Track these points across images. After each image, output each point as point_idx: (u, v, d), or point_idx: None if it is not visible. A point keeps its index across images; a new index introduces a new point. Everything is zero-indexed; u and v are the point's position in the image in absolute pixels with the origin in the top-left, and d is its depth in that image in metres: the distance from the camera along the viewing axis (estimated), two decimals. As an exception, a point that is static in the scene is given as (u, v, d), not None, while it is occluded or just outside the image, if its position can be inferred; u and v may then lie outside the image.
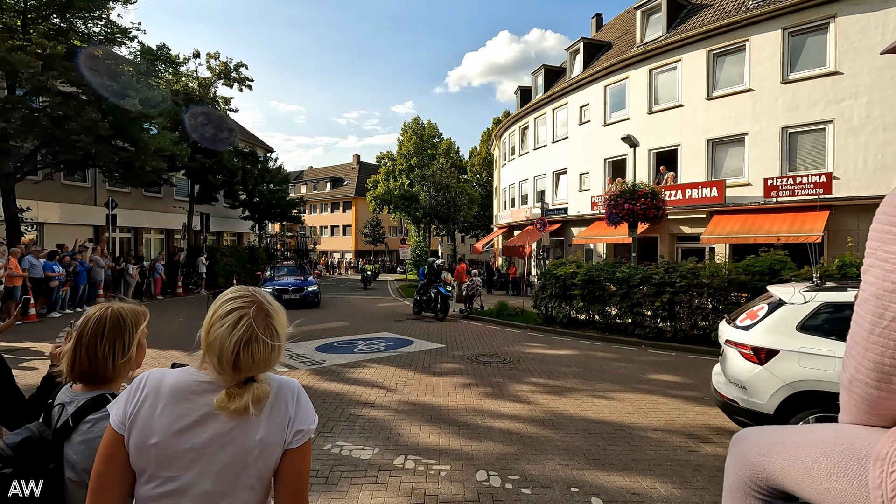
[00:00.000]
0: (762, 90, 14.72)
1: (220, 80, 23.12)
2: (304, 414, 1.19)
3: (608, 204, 13.78)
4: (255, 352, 1.10)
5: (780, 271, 8.76)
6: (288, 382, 1.23)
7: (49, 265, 12.13)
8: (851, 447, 0.64)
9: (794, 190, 13.68)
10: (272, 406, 1.16)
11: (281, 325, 1.17)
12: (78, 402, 1.45)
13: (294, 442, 1.16)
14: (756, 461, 0.70)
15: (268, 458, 1.14)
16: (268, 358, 1.13)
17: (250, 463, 1.12)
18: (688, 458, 4.41)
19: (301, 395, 1.22)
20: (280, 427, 1.15)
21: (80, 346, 1.47)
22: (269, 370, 1.18)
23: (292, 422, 1.16)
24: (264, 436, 1.13)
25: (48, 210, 17.50)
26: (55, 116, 13.50)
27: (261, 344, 1.10)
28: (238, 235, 31.68)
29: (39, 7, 13.63)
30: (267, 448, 1.13)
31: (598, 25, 27.55)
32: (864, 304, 0.66)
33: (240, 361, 1.09)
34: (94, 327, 1.48)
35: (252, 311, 1.12)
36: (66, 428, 1.41)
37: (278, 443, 1.14)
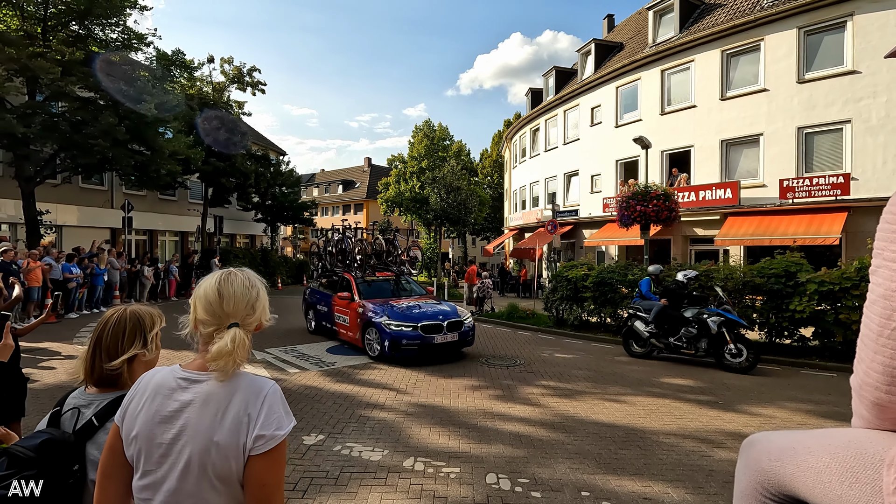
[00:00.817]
0: (777, 90, 14.51)
1: (234, 84, 23.41)
2: (270, 418, 1.12)
3: (620, 206, 13.64)
4: (234, 282, 1.21)
5: (797, 274, 8.61)
6: (256, 384, 1.17)
7: (67, 267, 12.37)
8: (864, 452, 0.62)
9: (810, 191, 13.44)
10: (228, 406, 1.12)
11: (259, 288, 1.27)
12: (100, 402, 1.45)
13: (256, 448, 1.10)
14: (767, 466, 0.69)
15: (225, 461, 1.10)
16: (246, 294, 1.21)
17: (208, 463, 1.10)
18: (701, 463, 4.35)
19: (270, 397, 1.15)
20: (234, 429, 1.10)
21: (100, 348, 1.46)
22: (248, 314, 1.21)
23: (252, 425, 1.11)
24: (219, 437, 1.10)
25: (67, 213, 17.87)
26: (74, 121, 13.79)
27: (238, 279, 1.22)
28: (251, 237, 32.00)
29: (59, 15, 13.94)
30: (223, 450, 1.10)
31: (610, 26, 27.39)
32: (872, 306, 0.64)
33: (222, 291, 1.18)
34: (115, 328, 1.48)
35: None
36: (91, 427, 1.41)
37: (234, 445, 1.10)
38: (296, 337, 10.53)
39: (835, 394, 6.63)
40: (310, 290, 11.38)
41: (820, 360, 8.36)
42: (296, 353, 8.84)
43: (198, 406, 1.13)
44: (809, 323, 8.61)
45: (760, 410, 5.87)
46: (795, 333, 8.92)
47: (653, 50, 17.91)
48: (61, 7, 13.81)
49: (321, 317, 10.47)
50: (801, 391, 6.77)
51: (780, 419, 5.56)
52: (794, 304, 8.45)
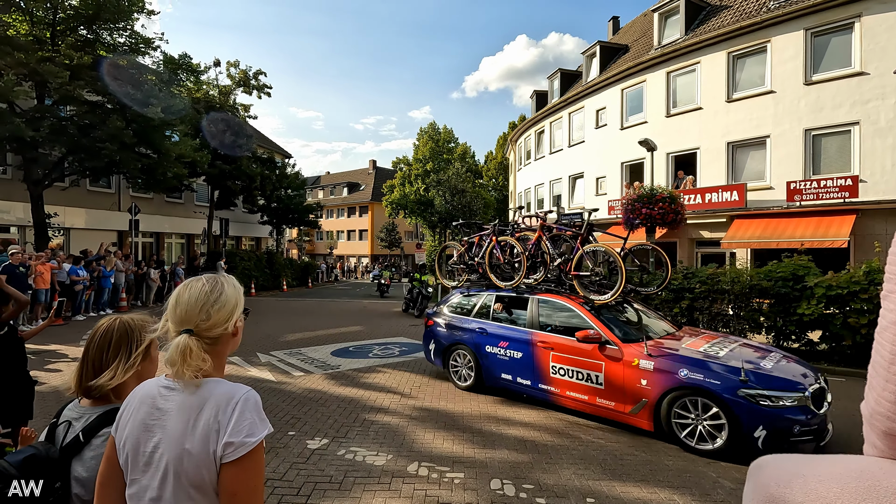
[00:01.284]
0: (784, 92, 14.42)
1: (240, 87, 23.57)
2: (241, 424, 1.10)
3: (625, 208, 13.61)
4: (193, 288, 1.22)
5: (804, 277, 8.54)
6: (228, 391, 1.15)
7: (74, 269, 12.47)
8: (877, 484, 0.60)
9: (818, 193, 13.34)
10: (199, 414, 1.12)
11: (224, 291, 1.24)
12: (87, 417, 1.43)
13: (227, 455, 1.08)
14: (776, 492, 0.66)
15: (197, 470, 1.09)
16: (201, 300, 1.19)
17: (181, 472, 1.10)
18: (707, 469, 4.30)
19: (242, 403, 1.13)
20: (204, 437, 1.10)
21: (87, 359, 1.45)
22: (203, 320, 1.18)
23: (222, 432, 1.09)
24: (190, 445, 1.10)
25: (74, 216, 18.02)
26: (82, 125, 13.92)
27: (198, 285, 1.22)
28: (256, 240, 32.15)
29: (68, 19, 14.09)
30: (194, 458, 1.09)
31: (615, 29, 27.35)
32: (884, 333, 0.62)
33: (179, 297, 1.20)
34: (101, 340, 1.45)
35: None
36: (77, 444, 1.39)
37: (205, 454, 1.09)
38: (300, 340, 10.55)
39: (845, 399, 6.54)
40: (455, 319, 7.01)
41: (829, 364, 8.27)
42: (300, 356, 8.86)
43: (174, 414, 1.13)
44: (817, 327, 8.53)
45: (768, 416, 5.80)
46: (803, 337, 8.84)
47: (658, 52, 17.85)
48: (70, 12, 13.96)
49: (500, 367, 6.27)
50: (809, 396, 6.68)
51: (787, 425, 5.49)
52: (801, 307, 8.37)
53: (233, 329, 1.24)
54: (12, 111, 12.61)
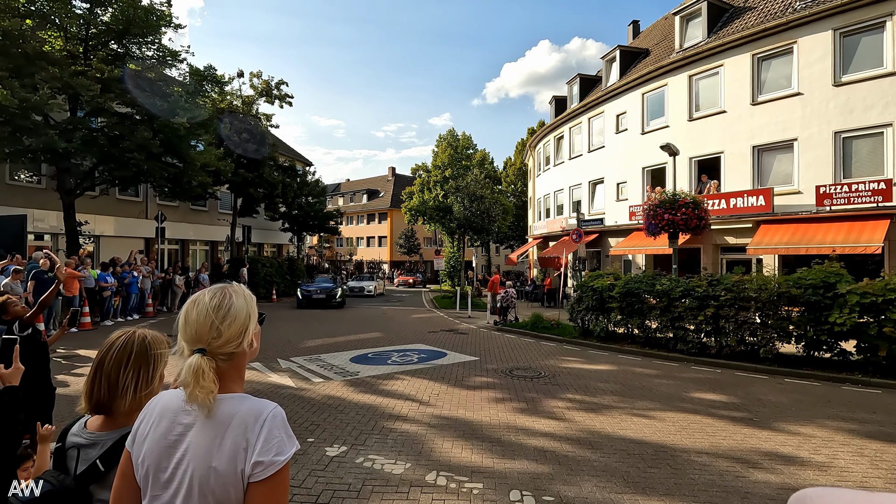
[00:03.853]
0: (812, 94, 14.03)
1: (262, 97, 24.06)
2: (269, 444, 1.08)
3: (647, 214, 13.35)
4: (199, 304, 1.17)
5: (836, 284, 8.24)
6: (255, 408, 1.12)
7: (102, 276, 12.84)
8: None
9: (849, 198, 12.89)
10: (226, 432, 1.09)
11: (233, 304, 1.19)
12: (103, 444, 1.36)
13: (256, 475, 1.06)
14: None
15: (224, 488, 1.07)
16: (209, 317, 1.14)
17: (207, 490, 1.07)
18: (735, 484, 4.16)
19: (270, 421, 1.10)
20: (232, 455, 1.07)
21: (101, 373, 1.36)
22: (214, 338, 1.13)
23: (251, 451, 1.07)
24: (217, 463, 1.07)
25: (104, 223, 18.57)
26: (111, 136, 14.36)
27: (204, 301, 1.17)
28: (277, 247, 32.63)
29: (99, 35, 14.61)
30: (221, 476, 1.07)
31: (636, 33, 27.09)
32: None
33: (187, 315, 1.16)
34: (119, 353, 1.36)
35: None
36: (95, 472, 1.33)
37: (232, 472, 1.07)
38: (320, 346, 10.63)
39: (880, 412, 6.28)
40: None
41: (863, 375, 7.95)
42: (320, 363, 8.91)
43: (198, 430, 1.11)
44: (851, 336, 8.22)
45: (798, 429, 5.59)
46: (836, 347, 8.52)
47: (680, 55, 17.59)
48: (102, 27, 14.48)
49: None
50: (842, 408, 6.43)
51: (819, 438, 5.29)
52: (833, 316, 8.08)
53: (249, 341, 1.19)
54: (47, 123, 13.10)
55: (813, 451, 4.92)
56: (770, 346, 8.86)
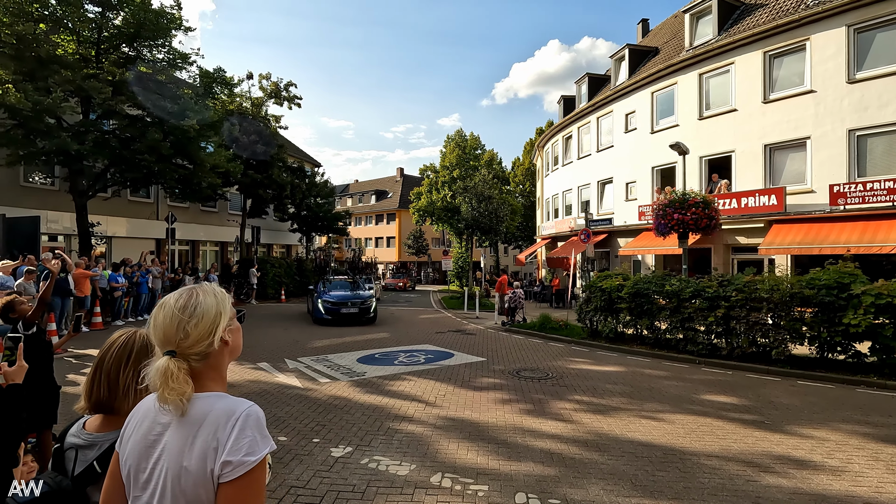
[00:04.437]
0: (825, 91, 13.79)
1: (271, 99, 24.20)
2: (240, 443, 1.04)
3: (656, 214, 13.23)
4: (165, 306, 1.16)
5: (850, 285, 8.08)
6: (228, 407, 1.10)
7: (114, 276, 12.99)
8: None
9: (864, 197, 12.66)
10: (198, 431, 1.07)
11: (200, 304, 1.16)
12: (100, 446, 1.36)
13: (225, 475, 1.03)
14: None
15: (195, 488, 1.04)
16: (175, 318, 1.13)
17: (179, 491, 1.05)
18: (746, 488, 4.08)
19: (243, 420, 1.07)
20: (202, 454, 1.05)
21: (101, 372, 1.36)
22: (182, 339, 1.12)
23: (221, 450, 1.04)
24: (188, 463, 1.05)
25: (116, 224, 18.80)
26: (123, 138, 14.52)
27: (170, 303, 1.16)
28: (287, 247, 32.82)
29: (111, 38, 14.79)
30: (192, 476, 1.05)
31: (645, 31, 26.87)
32: None
33: (155, 317, 1.15)
34: (119, 352, 1.36)
35: None
36: (92, 474, 1.32)
37: (202, 472, 1.04)
38: (327, 346, 10.65)
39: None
40: None
41: (878, 377, 7.78)
42: (327, 363, 8.93)
43: (173, 429, 1.10)
44: (866, 338, 8.06)
45: (812, 432, 5.48)
46: (850, 349, 8.36)
47: (690, 53, 17.40)
48: (113, 31, 14.66)
49: None
50: (857, 411, 6.30)
51: (833, 442, 5.18)
52: (848, 317, 7.93)
53: (220, 342, 1.15)
54: (60, 126, 13.29)
55: (826, 455, 4.82)
56: (782, 347, 8.72)
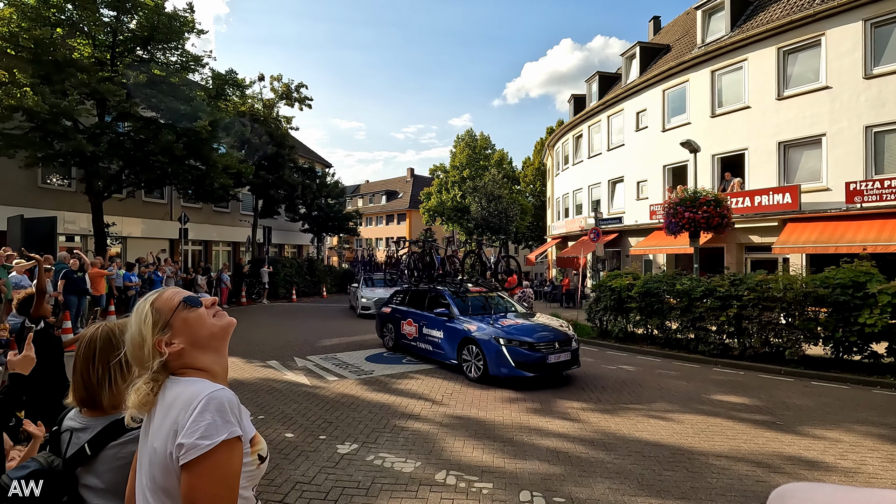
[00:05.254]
0: (841, 87, 13.53)
1: (283, 100, 24.42)
2: (197, 425, 1.01)
3: (667, 213, 13.09)
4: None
5: (866, 284, 7.92)
6: (196, 390, 1.07)
7: (128, 275, 13.21)
8: None
9: (881, 194, 12.40)
10: (167, 413, 1.07)
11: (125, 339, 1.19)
12: (93, 429, 1.38)
13: (181, 458, 1.00)
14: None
15: (162, 472, 1.04)
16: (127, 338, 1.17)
17: (152, 472, 1.07)
18: (755, 489, 4.02)
19: (205, 403, 1.03)
20: (165, 435, 1.05)
21: (76, 371, 1.39)
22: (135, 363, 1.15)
23: (179, 432, 1.02)
24: (157, 444, 1.06)
25: (131, 225, 19.12)
26: (137, 139, 14.77)
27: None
28: (298, 247, 33.09)
29: (126, 41, 15.06)
30: (158, 457, 1.05)
31: (656, 29, 26.59)
32: None
33: None
34: (85, 351, 1.38)
35: None
36: (83, 456, 1.35)
37: (164, 455, 1.04)
38: (336, 345, 10.72)
39: (913, 417, 6.00)
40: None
41: (895, 378, 7.62)
42: (336, 361, 8.98)
43: (154, 411, 1.12)
44: (882, 338, 7.89)
45: (824, 433, 5.39)
46: (866, 349, 8.19)
47: (702, 50, 17.20)
48: (128, 34, 14.91)
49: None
50: (872, 412, 6.17)
51: (846, 443, 5.08)
52: (863, 317, 7.77)
53: (157, 358, 1.12)
54: (76, 128, 13.55)
55: (839, 456, 4.73)
56: (796, 347, 8.58)
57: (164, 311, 1.16)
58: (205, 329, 1.18)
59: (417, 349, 9.14)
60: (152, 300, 1.18)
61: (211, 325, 1.19)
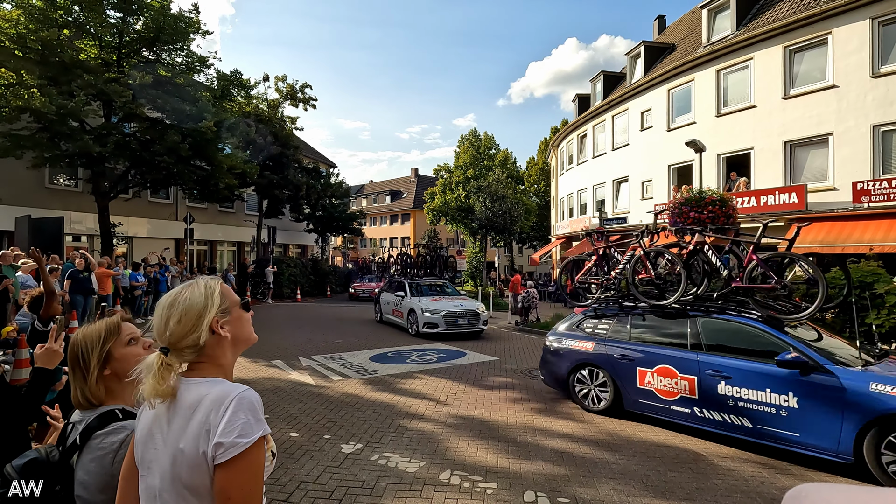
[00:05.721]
0: (848, 86, 13.43)
1: (287, 101, 24.50)
2: (233, 424, 1.06)
3: (671, 212, 13.02)
4: (160, 303, 1.19)
5: (874, 284, 7.86)
6: (224, 390, 1.11)
7: (134, 275, 13.29)
8: None
9: (889, 194, 12.29)
10: (193, 414, 1.09)
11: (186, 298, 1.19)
12: (86, 420, 1.44)
13: (218, 457, 1.04)
14: None
15: (192, 472, 1.07)
16: (165, 313, 1.16)
17: (175, 474, 1.08)
18: (761, 490, 4.00)
19: (236, 403, 1.08)
20: (195, 436, 1.07)
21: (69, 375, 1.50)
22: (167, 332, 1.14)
23: (213, 432, 1.05)
24: (184, 445, 1.08)
25: (137, 225, 19.25)
26: (143, 140, 14.86)
27: (162, 300, 1.20)
28: (302, 247, 33.19)
29: (132, 43, 15.15)
30: (187, 459, 1.07)
31: (661, 28, 26.50)
32: None
33: (154, 317, 1.18)
34: (70, 356, 1.48)
35: None
36: (74, 447, 1.40)
37: (196, 455, 1.06)
38: (341, 345, 10.74)
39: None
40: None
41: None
42: (340, 361, 9.01)
43: (171, 414, 1.12)
44: (890, 338, 7.82)
45: (831, 434, 5.34)
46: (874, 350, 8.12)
47: (707, 49, 17.12)
48: (134, 36, 15.01)
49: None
50: (880, 414, 6.11)
51: (854, 445, 5.04)
52: (871, 317, 7.71)
53: (209, 334, 1.16)
54: (82, 129, 13.66)
55: (846, 458, 4.69)
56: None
57: (229, 299, 1.24)
58: (246, 332, 1.27)
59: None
60: (220, 285, 1.25)
61: (250, 331, 1.29)
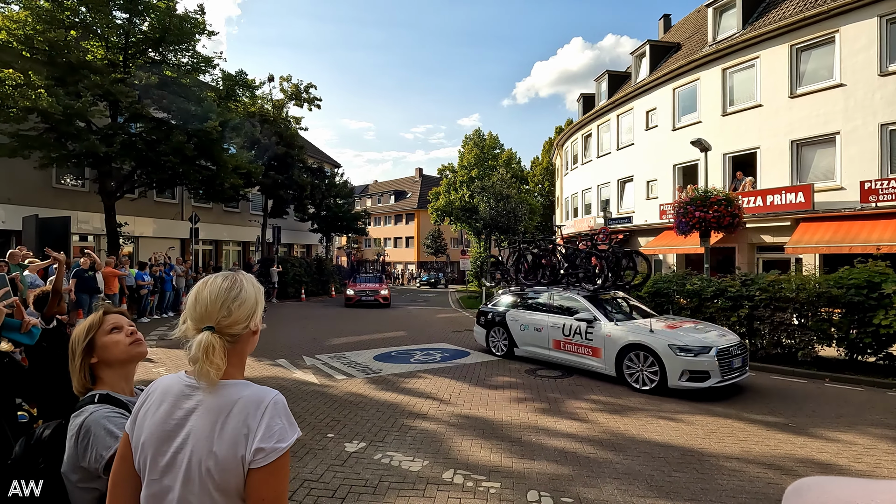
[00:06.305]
0: (856, 85, 13.32)
1: (292, 101, 24.57)
2: (272, 430, 1.09)
3: (677, 212, 12.97)
4: (212, 285, 1.19)
5: (881, 284, 7.79)
6: (257, 394, 1.13)
7: (140, 275, 13.37)
8: None
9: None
10: (227, 418, 1.10)
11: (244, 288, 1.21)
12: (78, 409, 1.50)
13: (256, 461, 1.07)
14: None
15: (224, 474, 1.07)
16: (222, 296, 1.17)
17: (206, 475, 1.08)
18: (766, 491, 3.97)
19: (272, 408, 1.12)
20: (232, 441, 1.08)
21: None
22: (224, 316, 1.15)
23: (252, 437, 1.08)
24: (218, 449, 1.08)
25: (143, 225, 19.36)
26: (149, 140, 14.94)
27: (217, 282, 1.20)
28: (307, 247, 33.26)
29: (137, 43, 15.24)
30: (221, 462, 1.07)
31: (667, 27, 26.38)
32: None
33: (199, 294, 1.18)
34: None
35: None
36: (61, 427, 1.46)
37: (232, 458, 1.07)
38: (345, 344, 10.76)
39: (930, 420, 5.89)
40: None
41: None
42: (344, 360, 9.02)
43: (200, 414, 1.11)
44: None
45: (838, 435, 5.30)
46: (881, 351, 8.05)
47: (713, 48, 17.02)
48: (140, 36, 15.09)
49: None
50: (888, 415, 6.07)
51: (861, 446, 5.00)
52: (878, 318, 7.65)
53: (254, 327, 1.21)
54: (89, 129, 13.74)
55: (853, 459, 4.66)
56: (809, 348, 8.46)
57: (262, 304, 1.27)
58: (258, 337, 1.29)
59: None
60: (257, 282, 1.28)
61: (254, 343, 1.30)
